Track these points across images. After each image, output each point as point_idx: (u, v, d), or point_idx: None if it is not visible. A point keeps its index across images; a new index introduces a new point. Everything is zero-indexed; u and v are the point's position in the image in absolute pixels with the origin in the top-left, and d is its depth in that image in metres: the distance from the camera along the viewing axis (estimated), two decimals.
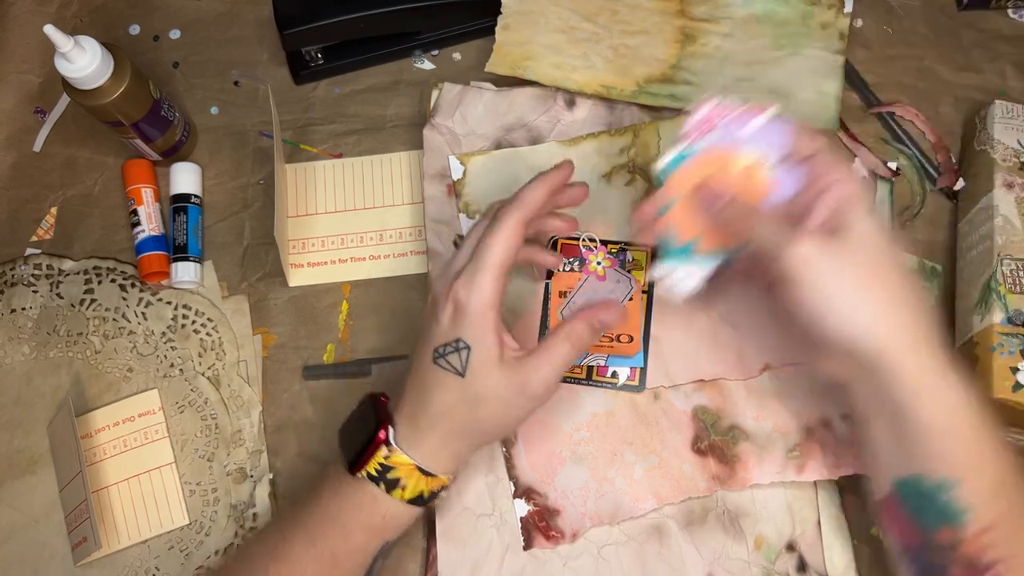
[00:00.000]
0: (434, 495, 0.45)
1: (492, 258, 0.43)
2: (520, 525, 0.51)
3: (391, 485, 0.43)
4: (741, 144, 0.45)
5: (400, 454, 0.43)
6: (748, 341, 0.53)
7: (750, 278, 0.50)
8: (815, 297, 0.40)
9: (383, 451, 0.43)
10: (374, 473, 0.43)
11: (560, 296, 0.55)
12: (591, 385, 0.54)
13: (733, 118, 0.46)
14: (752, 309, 0.53)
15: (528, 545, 0.51)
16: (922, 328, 0.40)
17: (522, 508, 0.52)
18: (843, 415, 0.51)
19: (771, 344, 0.53)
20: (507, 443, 0.53)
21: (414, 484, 0.43)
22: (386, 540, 0.45)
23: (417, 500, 0.44)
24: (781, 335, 0.49)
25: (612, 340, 0.53)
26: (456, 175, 0.59)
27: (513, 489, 0.52)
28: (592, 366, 0.54)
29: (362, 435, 0.45)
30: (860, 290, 0.40)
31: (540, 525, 0.51)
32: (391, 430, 0.44)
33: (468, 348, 0.43)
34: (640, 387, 0.54)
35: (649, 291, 0.55)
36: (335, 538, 0.44)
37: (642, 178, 0.58)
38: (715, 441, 0.52)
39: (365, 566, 0.45)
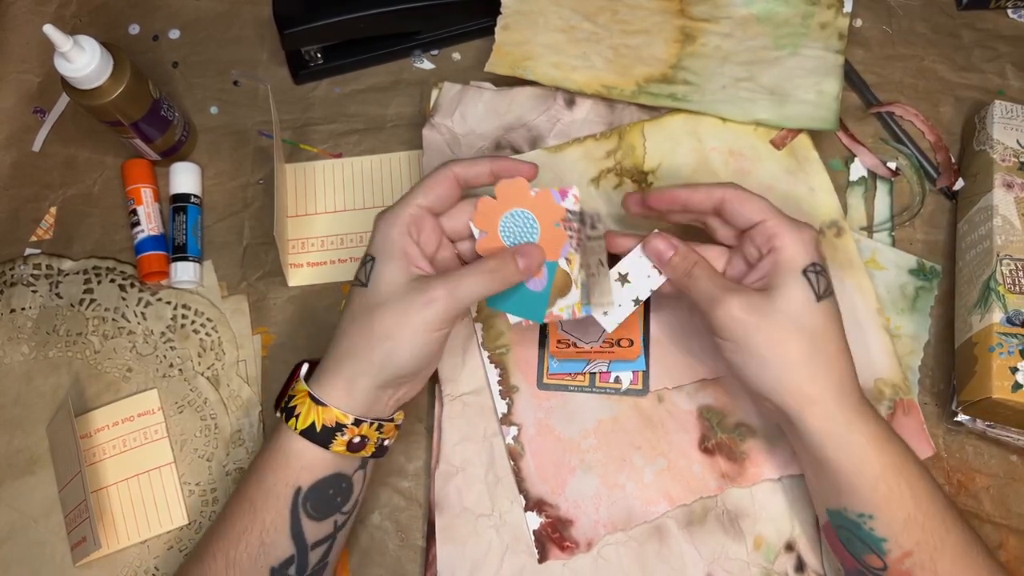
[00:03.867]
0: (330, 434, 0.43)
1: (411, 192, 0.46)
2: (534, 538, 0.51)
3: (289, 414, 0.44)
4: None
5: (301, 383, 0.45)
6: None
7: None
8: (738, 351, 0.44)
9: (294, 385, 0.45)
10: (283, 406, 0.45)
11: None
12: (595, 392, 0.54)
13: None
14: None
15: (543, 558, 0.51)
16: (832, 381, 0.43)
17: (534, 521, 0.51)
18: None
19: None
20: (515, 456, 0.53)
21: (305, 412, 0.44)
22: (297, 486, 0.44)
23: (310, 433, 0.43)
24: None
25: (613, 345, 0.53)
26: None
27: (524, 502, 0.52)
28: (595, 372, 0.54)
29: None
30: (774, 348, 0.43)
31: (554, 537, 0.51)
32: (306, 366, 0.46)
33: (373, 259, 0.45)
34: (644, 390, 0.54)
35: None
36: (251, 482, 0.45)
37: (630, 180, 0.58)
38: (722, 439, 0.52)
39: (283, 516, 0.44)
